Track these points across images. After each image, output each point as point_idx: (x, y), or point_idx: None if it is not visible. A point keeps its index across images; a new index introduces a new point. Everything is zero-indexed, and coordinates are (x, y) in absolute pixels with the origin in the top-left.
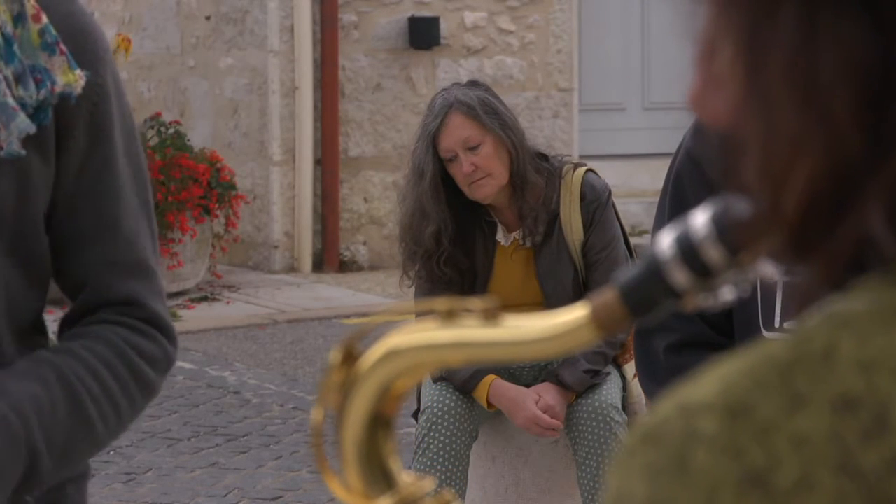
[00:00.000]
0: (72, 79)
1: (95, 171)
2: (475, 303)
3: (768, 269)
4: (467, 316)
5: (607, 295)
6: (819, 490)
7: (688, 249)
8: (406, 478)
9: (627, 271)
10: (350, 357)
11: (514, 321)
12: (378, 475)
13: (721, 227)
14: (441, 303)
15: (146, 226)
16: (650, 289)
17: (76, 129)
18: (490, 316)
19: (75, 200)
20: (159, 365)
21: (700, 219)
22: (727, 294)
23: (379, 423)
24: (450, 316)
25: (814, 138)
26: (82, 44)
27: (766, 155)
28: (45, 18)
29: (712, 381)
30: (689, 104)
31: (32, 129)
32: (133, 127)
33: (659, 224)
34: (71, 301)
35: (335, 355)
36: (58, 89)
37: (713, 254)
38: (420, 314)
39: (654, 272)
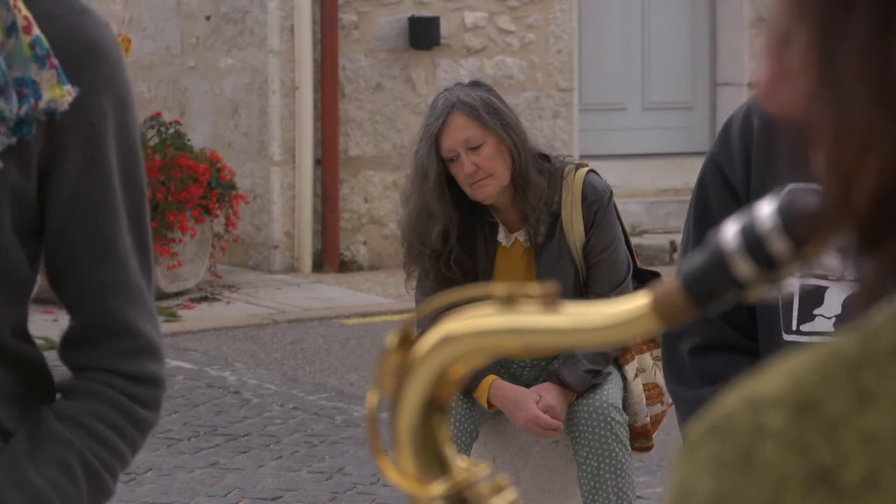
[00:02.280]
0: (58, 94)
1: (91, 193)
2: (534, 289)
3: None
4: (526, 302)
5: (670, 284)
6: (885, 488)
7: (753, 241)
8: (460, 463)
9: (691, 261)
10: (406, 341)
11: (574, 308)
12: (432, 460)
13: (787, 218)
14: (500, 288)
15: (140, 246)
16: (714, 279)
17: (71, 149)
18: (549, 302)
19: (71, 221)
20: (155, 403)
21: (766, 210)
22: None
23: (434, 409)
24: (508, 302)
25: (886, 133)
26: (84, 59)
27: (838, 147)
28: (36, 30)
29: (780, 375)
30: (760, 94)
31: (3, 144)
32: (135, 143)
33: (686, 230)
34: (69, 314)
35: (392, 339)
36: (41, 105)
37: (778, 245)
38: (478, 300)
39: (718, 263)
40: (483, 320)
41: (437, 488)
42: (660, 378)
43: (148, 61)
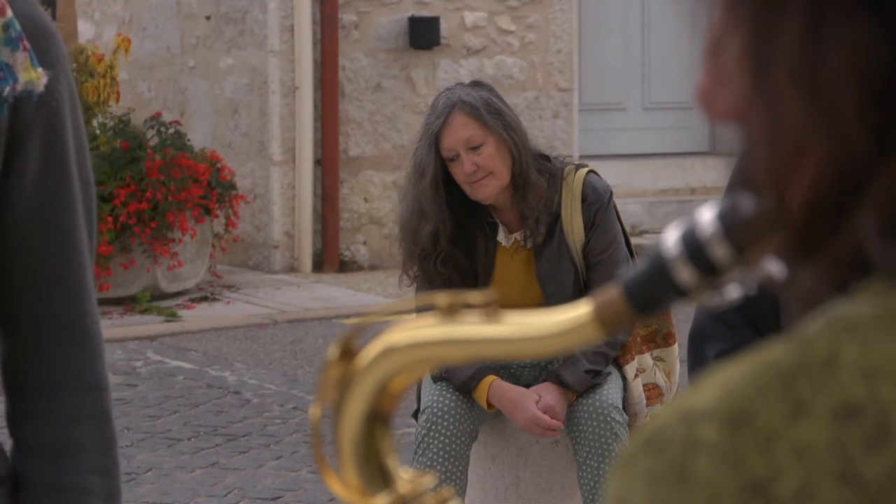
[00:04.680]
0: (34, 76)
1: (52, 180)
2: (476, 298)
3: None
4: (468, 312)
5: (611, 292)
6: (820, 500)
7: (694, 247)
8: (404, 475)
9: (632, 269)
10: (348, 353)
11: (516, 318)
12: (376, 472)
13: (727, 224)
14: (441, 298)
15: (90, 243)
16: (655, 287)
17: (34, 133)
18: (491, 312)
19: (31, 210)
20: (110, 411)
21: (706, 216)
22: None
23: (377, 421)
24: (450, 312)
25: (819, 137)
26: (44, 46)
27: (772, 152)
28: (9, 13)
29: (713, 387)
30: (697, 99)
31: None
32: (83, 137)
33: None
34: (13, 317)
35: (333, 351)
36: (19, 87)
37: (719, 252)
38: (420, 310)
39: (660, 270)
40: (424, 331)
41: (381, 501)
42: (660, 378)
43: (148, 61)
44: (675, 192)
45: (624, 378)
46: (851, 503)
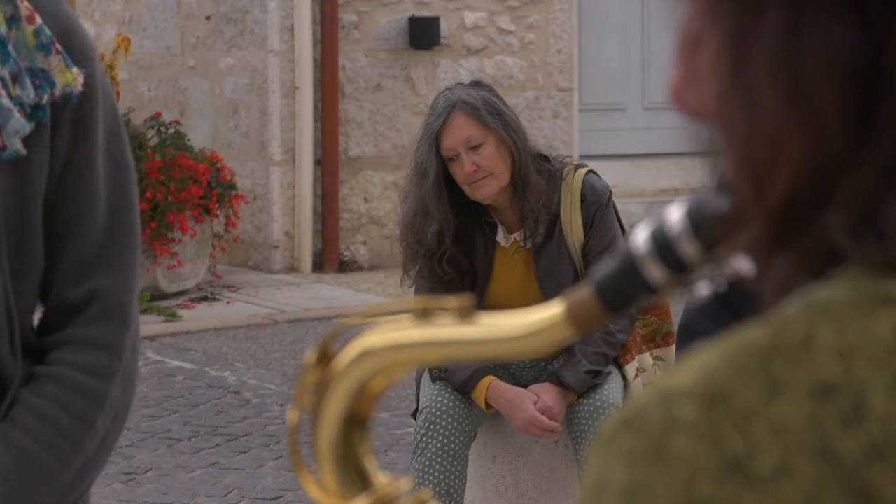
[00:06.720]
0: (70, 78)
1: (76, 170)
2: (450, 301)
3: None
4: (442, 315)
5: (583, 291)
6: (797, 476)
7: (663, 245)
8: (382, 478)
9: (603, 268)
10: (325, 357)
11: (490, 319)
12: (353, 475)
13: (696, 222)
14: (416, 302)
15: (125, 223)
16: (625, 285)
17: (62, 127)
18: (465, 314)
19: (56, 198)
20: (109, 371)
21: (675, 214)
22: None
23: (354, 424)
24: (425, 315)
25: (797, 134)
26: (72, 43)
27: (749, 149)
28: (38, 19)
29: (692, 368)
30: (670, 96)
31: (27, 129)
32: (118, 125)
33: None
34: (42, 301)
35: (310, 356)
36: (57, 93)
37: (688, 249)
38: (397, 314)
39: (630, 268)
40: (400, 334)
41: (359, 503)
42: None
43: (148, 61)
44: (675, 192)
45: (624, 378)
46: (828, 480)
